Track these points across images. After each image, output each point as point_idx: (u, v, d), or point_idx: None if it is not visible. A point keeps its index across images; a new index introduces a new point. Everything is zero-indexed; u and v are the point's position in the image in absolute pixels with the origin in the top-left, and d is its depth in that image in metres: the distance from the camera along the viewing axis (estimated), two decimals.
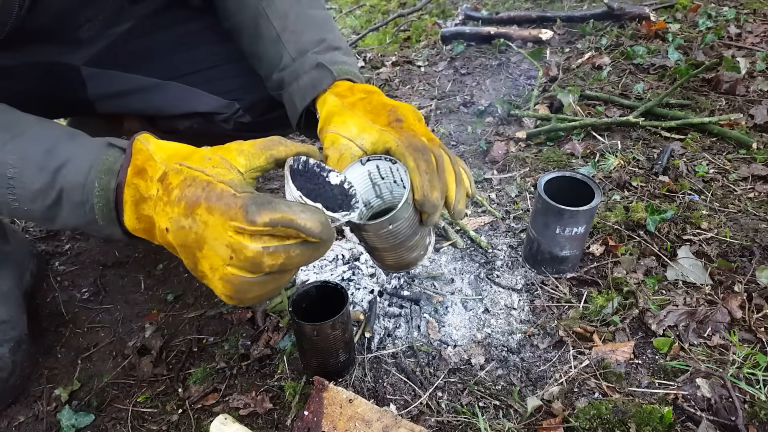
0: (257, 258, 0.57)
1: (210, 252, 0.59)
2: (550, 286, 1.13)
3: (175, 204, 0.61)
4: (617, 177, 1.41)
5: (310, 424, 0.84)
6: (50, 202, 0.68)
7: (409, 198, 0.69)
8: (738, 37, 2.08)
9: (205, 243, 0.59)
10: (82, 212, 0.67)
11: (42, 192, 0.68)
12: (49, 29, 0.93)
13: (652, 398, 0.90)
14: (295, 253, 0.58)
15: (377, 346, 1.04)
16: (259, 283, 0.60)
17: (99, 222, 0.68)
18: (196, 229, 0.59)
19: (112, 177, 0.66)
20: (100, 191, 0.66)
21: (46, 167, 0.67)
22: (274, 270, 0.58)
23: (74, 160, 0.68)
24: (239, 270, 0.58)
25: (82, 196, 0.66)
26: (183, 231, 0.60)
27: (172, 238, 0.62)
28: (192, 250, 0.61)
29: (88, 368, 1.07)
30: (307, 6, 0.96)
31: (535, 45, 2.25)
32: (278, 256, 0.57)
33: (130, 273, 1.29)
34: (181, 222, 0.60)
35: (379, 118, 0.76)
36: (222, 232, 0.57)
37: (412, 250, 0.78)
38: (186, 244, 0.61)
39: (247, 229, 0.56)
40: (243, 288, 0.59)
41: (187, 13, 1.11)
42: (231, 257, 0.57)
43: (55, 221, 0.71)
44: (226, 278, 0.59)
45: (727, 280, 1.09)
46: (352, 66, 0.89)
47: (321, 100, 0.85)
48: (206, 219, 0.58)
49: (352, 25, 3.06)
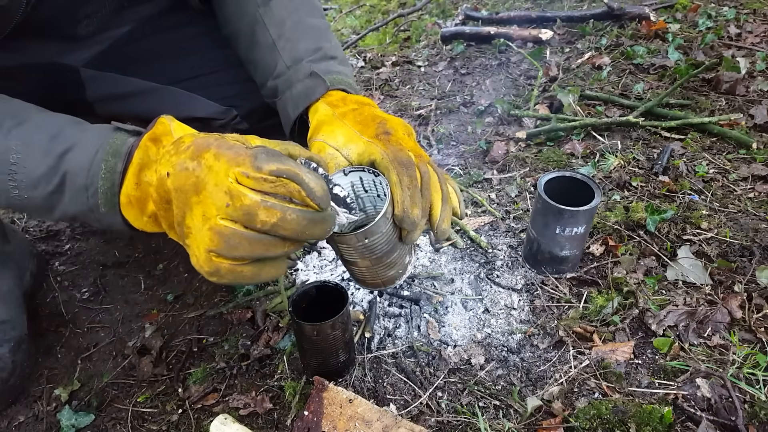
0: (253, 208, 0.55)
1: (207, 198, 0.57)
2: (550, 286, 1.13)
3: (183, 152, 0.60)
4: (617, 177, 1.41)
5: (310, 424, 0.84)
6: (52, 188, 0.67)
7: (388, 212, 0.67)
8: (738, 37, 2.08)
9: (204, 188, 0.57)
10: (84, 198, 0.66)
11: (45, 177, 0.66)
12: (49, 24, 0.93)
13: (652, 398, 0.90)
14: (290, 217, 0.56)
15: (377, 346, 1.04)
16: (249, 241, 0.57)
17: (101, 208, 0.66)
18: (199, 172, 0.58)
19: (119, 159, 0.65)
20: (106, 173, 0.65)
21: (51, 152, 0.66)
22: (266, 228, 0.56)
23: (80, 144, 0.67)
24: (232, 221, 0.56)
25: (86, 179, 0.65)
26: (185, 173, 0.58)
27: (171, 182, 0.59)
28: (188, 195, 0.58)
29: (88, 368, 1.07)
30: (305, 14, 0.95)
31: (535, 45, 2.25)
32: (274, 212, 0.56)
33: (130, 273, 1.29)
34: (185, 164, 0.58)
35: (368, 130, 0.76)
36: (224, 178, 0.56)
37: (389, 268, 0.76)
38: (184, 188, 0.58)
39: (251, 175, 0.55)
40: (232, 241, 0.57)
41: (187, 18, 1.10)
42: (227, 204, 0.56)
43: (54, 210, 0.69)
44: (217, 228, 0.57)
45: (727, 280, 1.09)
46: (347, 76, 0.89)
47: (313, 108, 0.85)
48: (211, 164, 0.57)
49: (352, 25, 3.06)
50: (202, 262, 0.59)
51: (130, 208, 0.66)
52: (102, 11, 0.99)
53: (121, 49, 1.07)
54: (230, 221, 0.56)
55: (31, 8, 0.80)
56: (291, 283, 1.20)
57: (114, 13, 1.02)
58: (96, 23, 1.00)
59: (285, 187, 0.56)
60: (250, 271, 0.60)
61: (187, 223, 0.59)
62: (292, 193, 0.57)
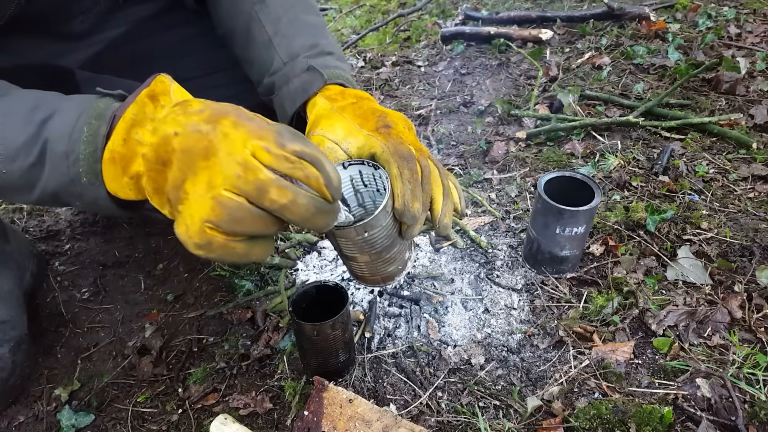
0: (267, 184, 0.52)
1: (216, 165, 0.53)
2: (550, 286, 1.13)
3: (196, 114, 0.56)
4: (617, 177, 1.41)
5: (310, 424, 0.84)
6: (33, 159, 0.62)
7: (388, 205, 0.66)
8: (738, 37, 2.08)
9: (215, 154, 0.53)
10: (65, 167, 0.61)
11: (25, 147, 0.62)
12: (44, 19, 0.92)
13: (652, 398, 0.90)
14: (301, 201, 0.54)
15: (377, 346, 1.04)
16: (252, 217, 0.54)
17: (82, 178, 0.61)
18: (212, 137, 0.54)
19: (103, 123, 0.61)
20: (89, 137, 0.60)
21: (31, 121, 0.63)
22: (273, 208, 0.53)
23: (62, 110, 0.63)
24: (238, 195, 0.53)
25: (67, 146, 0.61)
26: (197, 135, 0.54)
27: (179, 142, 0.55)
28: (195, 158, 0.54)
29: (88, 368, 1.07)
30: (301, 11, 0.95)
31: (535, 45, 2.25)
32: (286, 193, 0.53)
33: (130, 273, 1.29)
34: (199, 126, 0.55)
35: (368, 123, 0.75)
36: (240, 148, 0.53)
37: (389, 263, 0.75)
38: (192, 150, 0.54)
39: (272, 151, 0.53)
40: (236, 214, 0.53)
41: (183, 18, 1.10)
42: (239, 176, 0.52)
43: (34, 188, 0.65)
44: (221, 198, 0.53)
45: (727, 280, 1.09)
46: (345, 71, 0.88)
47: (311, 103, 0.83)
48: (228, 131, 0.54)
49: (352, 25, 3.06)
50: (192, 232, 0.55)
51: (111, 166, 0.61)
52: (97, 8, 0.98)
53: (116, 51, 1.07)
54: (236, 194, 0.53)
55: (26, 1, 0.78)
56: (291, 283, 1.20)
57: (110, 11, 1.02)
58: (91, 20, 0.99)
59: (304, 171, 0.54)
60: (242, 249, 0.56)
61: (186, 188, 0.55)
62: (309, 177, 0.54)
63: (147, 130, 0.58)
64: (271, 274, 1.23)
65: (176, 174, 0.55)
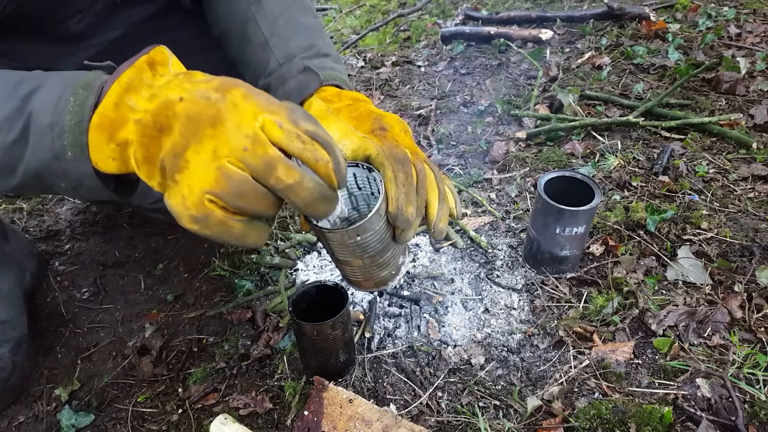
0: (274, 161, 0.50)
1: (223, 135, 0.50)
2: (550, 286, 1.13)
3: (204, 83, 0.54)
4: (617, 177, 1.41)
5: (310, 424, 0.84)
6: (16, 134, 0.59)
7: (381, 209, 0.65)
8: (738, 37, 2.08)
9: (222, 124, 0.51)
10: (49, 140, 0.58)
11: (7, 122, 0.59)
12: (39, 19, 0.91)
13: (652, 398, 0.90)
14: (307, 184, 0.52)
15: (377, 346, 1.04)
16: (255, 193, 0.51)
17: (67, 152, 0.57)
18: (221, 106, 0.51)
19: (91, 93, 0.57)
20: (75, 107, 0.57)
21: (14, 95, 0.59)
22: (278, 187, 0.51)
23: (48, 83, 0.60)
24: (243, 168, 0.50)
25: (52, 117, 0.57)
26: (205, 102, 0.51)
27: (184, 107, 0.52)
28: (201, 126, 0.51)
29: (88, 368, 1.07)
30: (297, 13, 0.95)
31: (535, 45, 2.25)
32: (293, 173, 0.51)
33: (130, 273, 1.29)
34: (208, 93, 0.52)
35: (363, 125, 0.74)
36: (250, 120, 0.51)
37: (382, 268, 0.74)
38: (199, 117, 0.51)
39: (285, 126, 0.51)
40: (241, 188, 0.51)
41: (180, 20, 1.09)
42: (245, 149, 0.50)
43: (17, 168, 0.61)
44: (226, 170, 0.50)
45: (727, 280, 1.09)
46: (341, 73, 0.88)
47: (306, 104, 0.83)
48: (238, 102, 0.52)
49: (352, 25, 3.06)
50: (190, 203, 0.51)
51: (97, 132, 0.56)
52: (95, 7, 0.98)
53: (113, 54, 1.07)
54: (241, 167, 0.50)
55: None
56: (291, 283, 1.20)
57: (107, 12, 1.02)
58: (88, 20, 0.99)
59: (314, 153, 0.52)
60: (238, 230, 0.54)
61: (188, 156, 0.51)
62: (318, 161, 0.52)
63: (142, 97, 0.55)
64: (271, 274, 1.23)
65: (177, 140, 0.52)
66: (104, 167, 0.58)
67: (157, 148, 0.53)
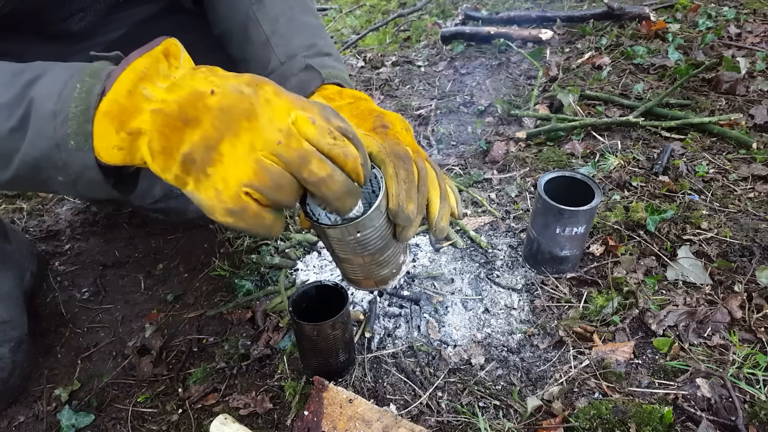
0: (309, 154, 0.51)
1: (257, 129, 0.50)
2: (550, 286, 1.13)
3: (234, 78, 0.53)
4: (617, 177, 1.41)
5: (310, 424, 0.84)
6: (14, 123, 0.56)
7: (381, 206, 0.65)
8: (738, 37, 2.08)
9: (257, 118, 0.51)
10: (50, 128, 0.55)
11: (6, 109, 0.56)
12: (40, 16, 0.91)
13: (652, 398, 0.90)
14: (337, 178, 0.53)
15: (377, 346, 1.04)
16: (290, 187, 0.52)
17: (70, 142, 0.55)
18: (254, 101, 0.51)
19: (98, 81, 0.55)
20: (81, 94, 0.55)
21: (15, 82, 0.57)
22: (312, 180, 0.52)
23: (51, 71, 0.58)
24: (278, 162, 0.51)
25: (56, 104, 0.55)
26: (239, 95, 0.51)
27: (217, 101, 0.51)
28: (237, 119, 0.51)
29: (88, 368, 1.07)
30: (299, 12, 0.95)
31: (535, 45, 2.25)
32: (325, 167, 0.52)
33: (130, 273, 1.29)
34: (241, 88, 0.52)
35: (365, 123, 0.74)
36: (283, 115, 0.51)
37: (382, 267, 0.73)
38: (234, 110, 0.51)
39: (318, 123, 0.52)
40: (279, 181, 0.51)
41: (181, 20, 1.10)
42: (279, 142, 0.50)
43: (12, 159, 0.58)
44: (263, 162, 0.50)
45: (727, 280, 1.09)
46: (342, 71, 0.88)
47: None
48: (271, 98, 0.52)
49: (352, 25, 3.06)
50: (227, 197, 0.51)
51: (105, 120, 0.54)
52: (95, 6, 0.98)
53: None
54: (276, 160, 0.51)
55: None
56: (291, 283, 1.20)
57: (108, 10, 1.02)
58: (89, 19, 0.99)
59: (344, 149, 0.53)
60: (270, 221, 0.54)
61: (222, 150, 0.51)
62: (348, 156, 0.53)
63: (159, 88, 0.54)
64: (271, 274, 1.23)
65: (210, 133, 0.51)
66: (107, 158, 0.56)
67: (178, 139, 0.52)
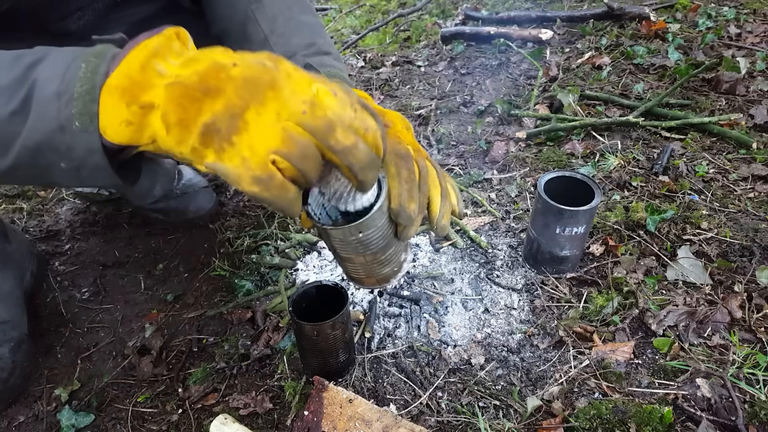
0: (333, 123, 0.51)
1: (282, 99, 0.50)
2: (550, 286, 1.13)
3: (250, 54, 0.53)
4: (617, 177, 1.41)
5: (310, 424, 0.84)
6: (15, 105, 0.55)
7: (383, 206, 0.65)
8: (738, 37, 2.08)
9: (281, 89, 0.51)
10: (55, 110, 0.54)
11: (7, 91, 0.55)
12: (38, 15, 0.91)
13: (652, 398, 0.90)
14: (361, 147, 0.53)
15: (377, 346, 1.04)
16: (315, 157, 0.51)
17: (74, 123, 0.54)
18: (276, 74, 0.51)
19: (103, 61, 0.54)
20: (87, 73, 0.54)
21: (17, 64, 0.56)
22: (338, 148, 0.52)
23: (54, 54, 0.57)
24: (303, 131, 0.51)
25: (60, 85, 0.54)
26: (262, 67, 0.51)
27: (240, 71, 0.51)
28: (261, 88, 0.50)
29: (88, 368, 1.07)
30: (297, 12, 0.95)
31: (535, 45, 2.25)
32: (350, 136, 0.52)
33: (130, 273, 1.29)
34: (263, 61, 0.52)
35: None
36: (306, 87, 0.51)
37: (384, 265, 0.73)
38: (258, 80, 0.51)
39: (339, 95, 0.52)
40: (306, 150, 0.50)
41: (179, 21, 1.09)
42: (304, 112, 0.50)
43: (12, 145, 0.56)
44: (290, 130, 0.50)
45: (727, 280, 1.09)
46: (342, 71, 0.88)
47: None
48: (291, 72, 0.52)
49: (352, 25, 3.06)
50: (254, 164, 0.50)
51: (113, 95, 0.54)
52: (94, 5, 0.98)
53: None
54: (300, 130, 0.50)
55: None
56: (291, 283, 1.20)
57: (107, 9, 1.02)
58: (88, 17, 0.99)
59: (364, 122, 0.53)
60: (293, 196, 0.53)
61: (247, 118, 0.50)
62: (368, 129, 0.54)
63: (172, 65, 0.54)
64: (271, 274, 1.23)
65: (234, 102, 0.50)
66: (114, 135, 0.55)
67: (197, 110, 0.51)
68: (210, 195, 1.45)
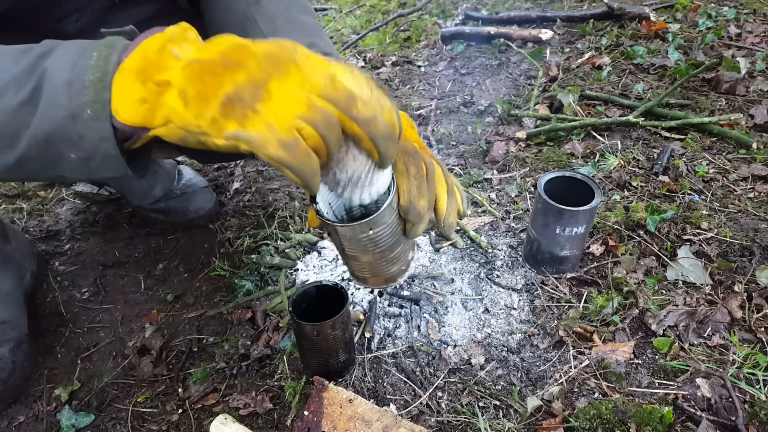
0: (354, 95, 0.53)
1: (303, 72, 0.52)
2: (550, 286, 1.13)
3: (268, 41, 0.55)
4: (617, 177, 1.41)
5: (310, 424, 0.84)
6: (24, 96, 0.55)
7: (393, 202, 0.65)
8: (738, 37, 2.08)
9: (302, 65, 0.52)
10: (66, 98, 0.54)
11: (16, 80, 0.55)
12: (35, 16, 0.91)
13: (652, 398, 0.90)
14: (381, 119, 0.54)
15: (377, 346, 1.04)
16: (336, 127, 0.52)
17: (86, 111, 0.54)
18: (295, 54, 0.53)
19: (114, 51, 0.55)
20: (99, 61, 0.54)
21: (25, 57, 0.56)
22: (360, 118, 0.53)
23: (63, 45, 0.57)
24: (326, 102, 0.52)
25: (71, 74, 0.54)
26: (281, 47, 0.53)
27: (261, 48, 0.53)
28: (284, 61, 0.52)
29: (88, 368, 1.07)
30: (296, 12, 0.95)
31: (535, 45, 2.25)
32: (370, 107, 0.54)
33: (130, 273, 1.29)
34: (283, 43, 0.54)
35: None
36: (324, 66, 0.53)
37: (392, 263, 0.73)
38: (278, 56, 0.52)
39: (356, 74, 0.54)
40: (328, 118, 0.51)
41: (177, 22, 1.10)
42: (325, 85, 0.52)
43: (20, 137, 0.56)
44: (314, 102, 0.51)
45: (727, 280, 1.09)
46: None
47: None
48: (308, 54, 0.54)
49: (352, 25, 3.06)
50: (280, 128, 0.50)
51: (128, 76, 0.54)
52: (92, 6, 0.98)
53: None
54: (323, 102, 0.52)
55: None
56: (291, 283, 1.20)
57: (104, 11, 1.02)
58: (85, 18, 0.99)
59: (380, 100, 0.55)
60: (316, 164, 0.53)
61: (270, 87, 0.51)
62: (384, 107, 0.55)
63: (188, 50, 0.55)
64: (271, 274, 1.23)
65: (256, 73, 0.51)
66: (127, 114, 0.54)
67: (217, 83, 0.51)
68: (210, 195, 1.45)
